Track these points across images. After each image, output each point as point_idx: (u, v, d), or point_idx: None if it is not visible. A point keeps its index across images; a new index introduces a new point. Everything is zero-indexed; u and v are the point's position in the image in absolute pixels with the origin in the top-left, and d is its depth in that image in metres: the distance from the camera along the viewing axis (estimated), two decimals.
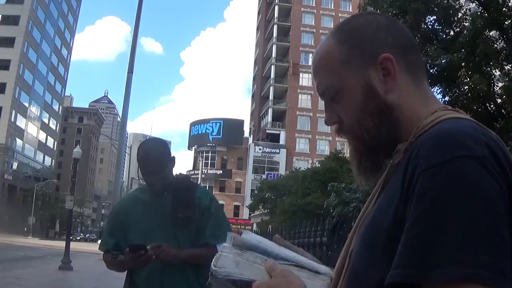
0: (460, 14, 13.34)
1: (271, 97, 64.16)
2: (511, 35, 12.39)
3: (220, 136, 62.80)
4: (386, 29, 0.86)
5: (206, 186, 47.47)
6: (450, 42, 12.87)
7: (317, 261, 0.99)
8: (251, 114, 73.93)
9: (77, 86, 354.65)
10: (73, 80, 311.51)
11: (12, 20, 59.93)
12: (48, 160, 75.33)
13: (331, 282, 0.86)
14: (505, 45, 12.46)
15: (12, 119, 59.55)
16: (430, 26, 13.67)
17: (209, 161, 63.36)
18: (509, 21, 12.43)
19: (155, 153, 2.27)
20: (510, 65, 12.81)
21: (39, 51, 65.64)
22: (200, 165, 62.91)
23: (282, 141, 61.24)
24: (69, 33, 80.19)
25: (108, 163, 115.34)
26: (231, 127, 62.97)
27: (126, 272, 2.36)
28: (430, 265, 0.65)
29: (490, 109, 13.43)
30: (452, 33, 13.64)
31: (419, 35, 13.21)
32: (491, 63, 11.97)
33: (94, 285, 12.42)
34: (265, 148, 61.19)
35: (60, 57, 75.89)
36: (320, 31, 62.35)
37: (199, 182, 39.03)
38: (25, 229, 54.46)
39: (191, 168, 67.15)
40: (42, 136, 71.14)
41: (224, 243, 0.84)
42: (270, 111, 63.63)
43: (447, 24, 13.50)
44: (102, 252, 2.41)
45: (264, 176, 49.93)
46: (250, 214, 53.26)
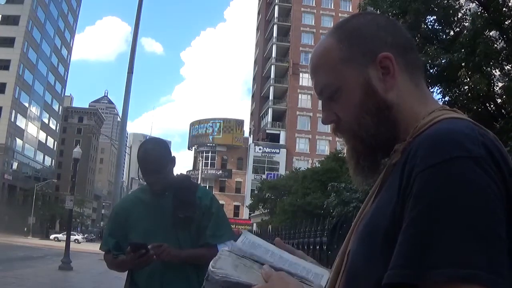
0: (460, 14, 13.33)
1: (271, 97, 64.17)
2: (511, 35, 12.39)
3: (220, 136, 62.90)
4: (385, 28, 0.87)
5: (206, 186, 47.44)
6: (450, 42, 12.86)
7: (316, 263, 0.99)
8: (251, 114, 73.93)
9: (77, 86, 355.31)
10: (73, 80, 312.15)
11: (12, 20, 59.91)
12: (48, 160, 75.31)
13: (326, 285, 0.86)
14: (505, 45, 12.47)
15: (12, 119, 59.54)
16: (430, 26, 13.66)
17: (209, 161, 63.36)
18: (509, 21, 12.43)
19: (155, 153, 2.26)
20: (510, 65, 12.82)
21: (39, 51, 65.62)
22: (200, 165, 62.92)
23: (282, 141, 61.24)
24: (69, 33, 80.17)
25: (108, 163, 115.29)
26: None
27: (126, 272, 2.36)
28: (427, 266, 0.65)
29: (490, 109, 13.42)
30: (452, 33, 13.64)
31: (419, 35, 13.21)
32: (491, 63, 11.97)
33: (94, 285, 12.42)
34: (265, 148, 61.19)
35: (60, 57, 75.87)
36: (320, 31, 62.32)
37: (199, 182, 39.02)
38: (25, 229, 54.44)
39: (191, 168, 67.14)
40: (42, 136, 71.12)
41: (224, 245, 0.91)
42: (270, 111, 63.63)
43: (447, 24, 13.49)
44: (102, 252, 2.41)
45: (264, 176, 49.93)
46: (250, 214, 53.26)
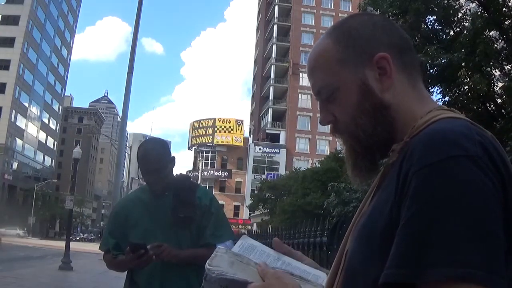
0: (460, 14, 13.34)
1: (271, 97, 64.17)
2: (511, 35, 12.39)
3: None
4: (382, 29, 0.87)
5: (206, 186, 47.45)
6: (450, 42, 12.87)
7: (315, 264, 0.99)
8: (251, 114, 73.93)
9: (77, 86, 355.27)
10: (73, 80, 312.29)
11: (12, 20, 59.92)
12: (48, 160, 75.30)
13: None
14: (505, 45, 12.47)
15: (12, 119, 59.54)
16: (430, 26, 13.66)
17: (209, 161, 63.37)
18: (509, 21, 12.43)
19: (155, 153, 2.26)
20: (510, 65, 12.82)
21: (39, 51, 65.62)
22: (200, 165, 62.93)
23: (282, 141, 61.24)
24: (69, 33, 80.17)
25: (108, 163, 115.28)
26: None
27: (126, 272, 2.36)
28: (424, 265, 0.64)
29: (490, 109, 13.42)
30: (452, 33, 13.64)
31: (419, 35, 13.21)
32: (491, 63, 11.98)
33: (94, 285, 12.42)
34: (265, 148, 61.20)
35: (60, 57, 75.87)
36: (320, 31, 62.29)
37: (199, 182, 39.03)
38: (25, 229, 54.45)
39: (191, 168, 67.16)
40: (42, 136, 71.12)
41: (224, 245, 0.92)
42: (270, 111, 63.63)
43: (447, 24, 13.49)
44: (102, 252, 2.41)
45: (264, 176, 49.92)
46: (250, 214, 53.28)
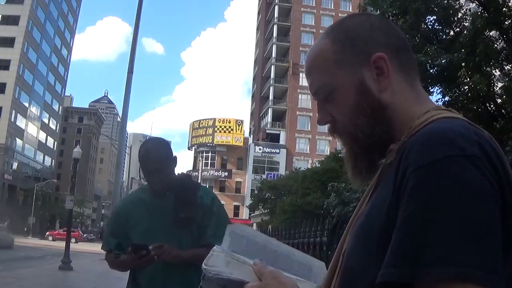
0: (460, 14, 13.33)
1: (271, 97, 64.17)
2: (511, 35, 12.39)
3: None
4: (379, 29, 0.87)
5: (206, 186, 47.38)
6: (450, 42, 12.87)
7: (310, 258, 1.00)
8: (251, 114, 73.93)
9: (77, 86, 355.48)
10: (73, 80, 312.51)
11: (12, 20, 59.88)
12: (48, 160, 75.26)
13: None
14: (505, 45, 12.47)
15: (12, 119, 59.51)
16: (430, 26, 13.66)
17: (209, 161, 63.38)
18: (509, 21, 12.43)
19: (156, 152, 2.25)
20: (510, 65, 12.82)
21: (39, 51, 65.60)
22: (200, 165, 62.93)
23: (282, 141, 61.25)
24: (69, 33, 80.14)
25: (108, 163, 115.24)
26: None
27: (128, 272, 2.36)
28: (421, 264, 0.64)
29: (490, 109, 13.42)
30: (452, 33, 13.64)
31: (419, 35, 13.21)
32: (491, 63, 11.97)
33: (94, 285, 12.42)
34: (265, 148, 61.21)
35: (60, 57, 75.85)
36: (320, 31, 62.20)
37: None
38: (25, 229, 54.43)
39: (191, 168, 67.14)
40: (42, 136, 71.09)
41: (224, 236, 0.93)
42: (270, 111, 63.63)
43: (447, 24, 13.49)
44: (102, 252, 2.41)
45: (264, 176, 49.92)
46: (250, 214, 53.28)
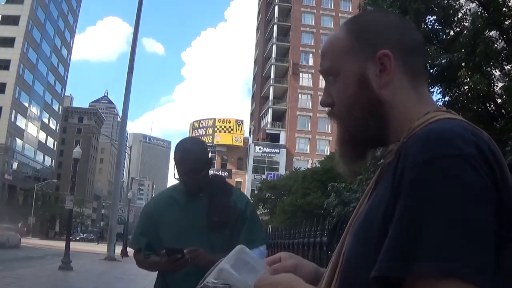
0: (460, 14, 13.33)
1: (271, 97, 64.18)
2: (511, 35, 12.39)
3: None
4: (395, 27, 0.88)
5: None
6: (450, 42, 12.87)
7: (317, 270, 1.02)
8: (251, 114, 73.95)
9: (77, 86, 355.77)
10: (73, 80, 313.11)
11: (12, 20, 59.91)
12: (48, 160, 75.29)
13: None
14: (505, 45, 12.46)
15: (12, 119, 59.54)
16: (430, 26, 13.65)
17: None
18: (509, 21, 12.42)
19: (193, 152, 2.21)
20: (510, 65, 12.81)
21: (39, 51, 65.63)
22: None
23: (282, 141, 61.26)
24: (69, 33, 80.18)
25: (108, 163, 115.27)
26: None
27: (156, 273, 2.33)
28: (413, 259, 0.65)
29: (490, 109, 13.41)
30: (452, 33, 13.63)
31: None
32: (491, 63, 11.96)
33: (94, 285, 12.40)
34: (265, 148, 61.22)
35: (60, 57, 75.88)
36: (320, 31, 62.29)
37: None
38: (25, 229, 54.45)
39: None
40: (42, 136, 71.12)
41: (258, 250, 0.96)
42: (270, 111, 63.64)
43: (447, 24, 13.49)
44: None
45: (264, 176, 49.95)
46: None
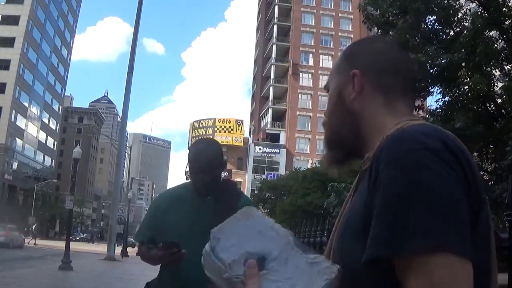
0: (460, 14, 13.31)
1: (271, 97, 64.18)
2: (511, 35, 12.38)
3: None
4: (375, 51, 1.01)
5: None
6: (450, 42, 12.84)
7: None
8: (251, 114, 73.94)
9: (77, 86, 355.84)
10: (73, 80, 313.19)
11: (12, 20, 59.92)
12: (48, 160, 75.30)
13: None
14: (505, 45, 12.45)
15: (12, 119, 59.54)
16: (430, 26, 13.64)
17: None
18: (509, 21, 12.41)
19: (206, 153, 2.24)
20: (510, 65, 12.80)
21: (39, 51, 65.63)
22: None
23: (282, 141, 61.25)
24: (69, 33, 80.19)
25: (108, 163, 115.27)
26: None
27: (155, 273, 2.36)
28: (399, 241, 0.74)
29: (490, 109, 13.40)
30: (452, 33, 13.61)
31: (419, 35, 13.20)
32: (491, 63, 11.94)
33: (94, 285, 12.40)
34: (265, 148, 61.22)
35: (60, 57, 75.88)
36: (320, 31, 62.31)
37: None
38: (25, 229, 54.46)
39: None
40: (42, 136, 71.12)
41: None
42: (270, 111, 63.63)
43: (447, 24, 13.47)
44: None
45: (264, 176, 49.95)
46: None
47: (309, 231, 3.90)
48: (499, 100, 13.30)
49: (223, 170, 2.31)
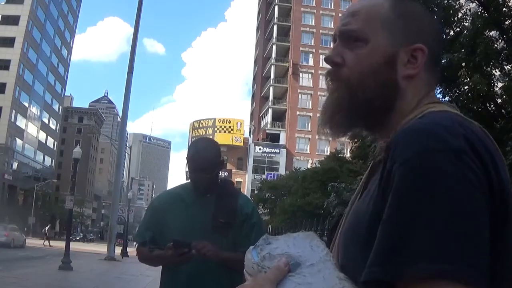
0: (460, 14, 13.32)
1: (271, 97, 64.18)
2: (511, 35, 12.38)
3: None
4: (435, 31, 0.90)
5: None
6: (450, 42, 12.86)
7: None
8: (251, 114, 73.95)
9: (77, 86, 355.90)
10: (73, 80, 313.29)
11: (12, 20, 59.92)
12: (48, 160, 75.31)
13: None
14: (505, 45, 12.46)
15: (12, 119, 59.54)
16: None
17: None
18: (509, 21, 12.42)
19: (205, 152, 2.25)
20: (510, 65, 12.81)
21: (39, 51, 65.63)
22: None
23: (282, 141, 61.25)
24: (69, 33, 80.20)
25: (108, 163, 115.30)
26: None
27: (155, 273, 2.34)
28: (403, 262, 0.64)
29: (490, 109, 13.41)
30: (452, 33, 13.63)
31: None
32: (491, 63, 11.96)
33: (94, 285, 12.41)
34: (265, 148, 61.21)
35: (60, 57, 75.89)
36: (320, 31, 62.29)
37: None
38: (25, 229, 54.45)
39: None
40: (42, 136, 71.13)
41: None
42: (270, 111, 63.64)
43: (447, 24, 13.48)
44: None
45: (264, 176, 49.93)
46: None
47: (309, 231, 3.90)
48: (499, 100, 13.31)
49: (222, 170, 2.32)
